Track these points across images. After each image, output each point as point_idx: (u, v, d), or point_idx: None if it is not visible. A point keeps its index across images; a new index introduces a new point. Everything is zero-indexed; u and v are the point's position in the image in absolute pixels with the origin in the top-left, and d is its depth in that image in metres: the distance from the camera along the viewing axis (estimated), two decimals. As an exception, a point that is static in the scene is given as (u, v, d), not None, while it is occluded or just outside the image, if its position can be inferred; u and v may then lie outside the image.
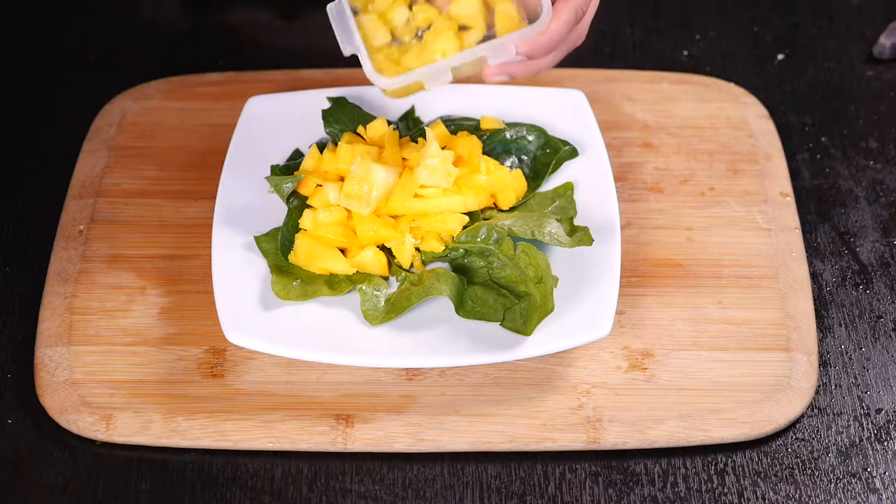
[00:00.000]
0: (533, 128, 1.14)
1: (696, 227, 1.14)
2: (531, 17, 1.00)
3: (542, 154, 1.14)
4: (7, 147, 1.22)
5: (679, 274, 1.11)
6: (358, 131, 1.13)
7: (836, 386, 1.06)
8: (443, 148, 1.10)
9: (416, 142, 1.12)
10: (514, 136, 1.14)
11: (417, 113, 1.17)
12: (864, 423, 1.04)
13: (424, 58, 1.01)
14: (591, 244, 1.05)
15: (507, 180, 1.10)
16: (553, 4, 1.00)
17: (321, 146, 1.13)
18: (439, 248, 1.06)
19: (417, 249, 1.07)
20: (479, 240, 1.06)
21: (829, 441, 1.03)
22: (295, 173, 1.11)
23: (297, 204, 1.09)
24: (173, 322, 1.07)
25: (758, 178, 1.18)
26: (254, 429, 1.01)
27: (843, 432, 1.03)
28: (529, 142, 1.14)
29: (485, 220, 1.08)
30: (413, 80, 1.00)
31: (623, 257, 1.09)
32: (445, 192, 1.07)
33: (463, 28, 1.02)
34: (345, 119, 1.14)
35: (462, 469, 1.01)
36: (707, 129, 1.22)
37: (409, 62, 1.01)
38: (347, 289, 1.05)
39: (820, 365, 1.07)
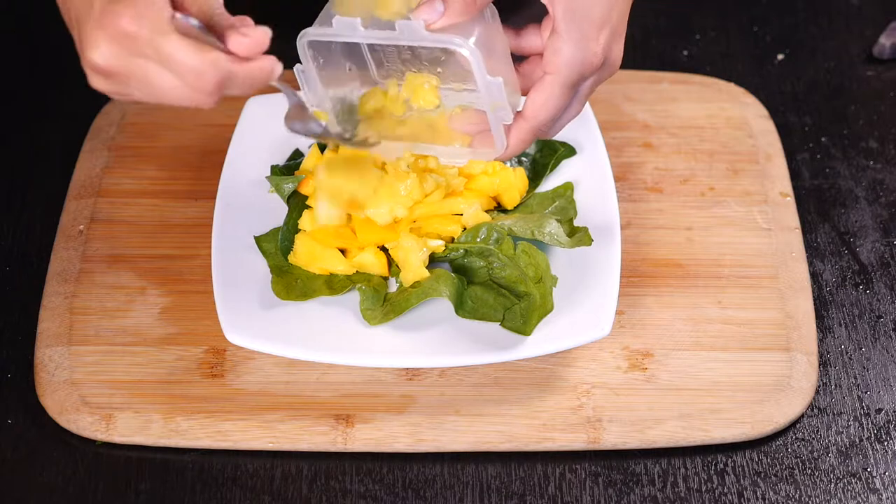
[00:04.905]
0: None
1: (696, 227, 1.14)
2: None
3: (541, 156, 1.14)
4: (7, 147, 1.22)
5: (679, 274, 1.11)
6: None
7: (836, 386, 1.06)
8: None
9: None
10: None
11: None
12: (864, 423, 1.04)
13: (381, 132, 1.02)
14: (590, 244, 1.05)
15: (511, 180, 1.10)
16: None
17: (321, 146, 1.13)
18: (439, 248, 1.06)
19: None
20: (479, 240, 1.06)
21: (829, 441, 1.03)
22: (295, 173, 1.11)
23: (297, 204, 1.09)
24: (173, 322, 1.07)
25: (758, 178, 1.18)
26: (254, 429, 1.01)
27: (843, 432, 1.03)
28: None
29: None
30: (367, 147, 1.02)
31: (623, 257, 1.09)
32: (447, 195, 1.07)
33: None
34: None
35: (462, 469, 1.01)
36: (707, 129, 1.22)
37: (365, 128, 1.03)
38: (347, 289, 1.05)
39: (820, 365, 1.07)
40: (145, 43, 0.84)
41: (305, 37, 0.94)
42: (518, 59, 0.97)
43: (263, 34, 0.87)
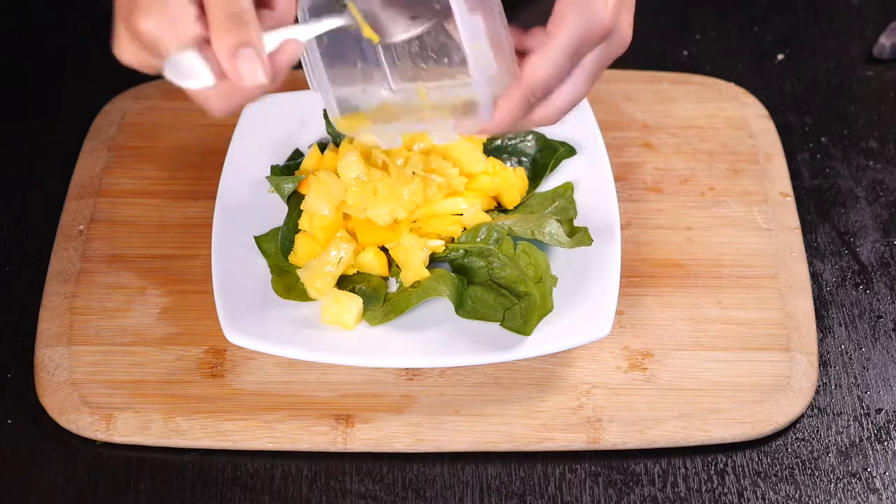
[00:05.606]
0: (531, 131, 1.14)
1: (696, 227, 1.14)
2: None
3: (541, 156, 1.14)
4: (7, 147, 1.22)
5: (679, 274, 1.11)
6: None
7: (836, 386, 1.06)
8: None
9: None
10: (513, 140, 1.14)
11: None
12: (864, 423, 1.04)
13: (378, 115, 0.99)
14: (590, 244, 1.05)
15: (511, 180, 1.10)
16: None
17: (322, 146, 1.13)
18: (439, 248, 1.06)
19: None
20: (479, 240, 1.06)
21: (829, 441, 1.03)
22: (295, 173, 1.11)
23: (297, 204, 1.09)
24: (173, 322, 1.07)
25: (758, 178, 1.18)
26: (254, 429, 1.01)
27: (843, 432, 1.03)
28: (528, 145, 1.14)
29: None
30: (365, 134, 0.99)
31: (623, 257, 1.09)
32: (447, 195, 1.07)
33: None
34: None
35: (462, 469, 1.01)
36: (707, 129, 1.22)
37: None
38: (347, 289, 1.05)
39: (820, 365, 1.07)
40: (161, 56, 0.85)
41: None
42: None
43: (262, 82, 0.84)
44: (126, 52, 0.88)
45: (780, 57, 1.31)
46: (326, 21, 0.91)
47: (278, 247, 1.07)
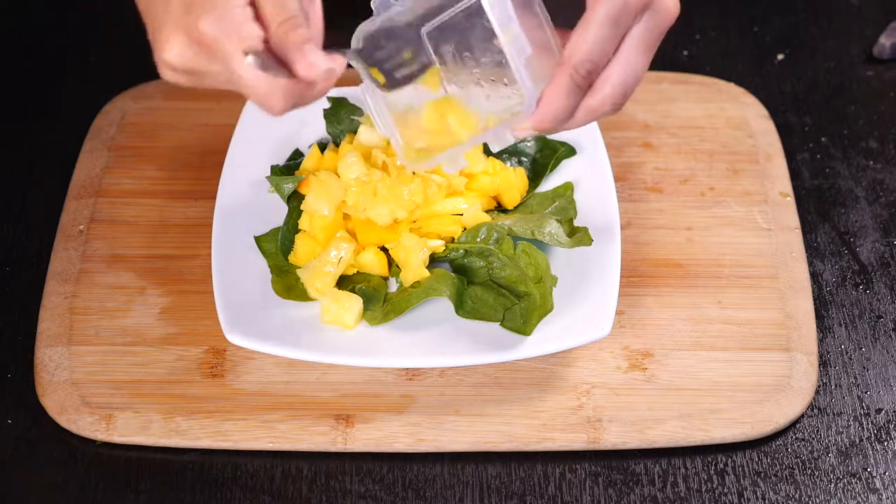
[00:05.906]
0: (531, 132, 1.15)
1: (696, 227, 1.14)
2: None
3: (541, 156, 1.14)
4: (7, 147, 1.22)
5: (679, 274, 1.11)
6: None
7: (836, 386, 1.06)
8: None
9: None
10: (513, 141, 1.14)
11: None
12: (864, 423, 1.04)
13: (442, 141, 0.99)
14: (590, 244, 1.05)
15: (511, 180, 1.10)
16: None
17: (322, 146, 1.13)
18: (439, 248, 1.06)
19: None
20: (479, 240, 1.06)
21: (829, 441, 1.03)
22: (295, 173, 1.11)
23: (298, 204, 1.09)
24: (173, 322, 1.07)
25: (758, 178, 1.18)
26: (254, 429, 1.01)
27: (843, 432, 1.03)
28: (528, 145, 1.14)
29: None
30: (435, 164, 1.01)
31: (623, 257, 1.09)
32: (447, 195, 1.08)
33: None
34: (346, 119, 1.14)
35: (462, 469, 1.01)
36: (707, 129, 1.22)
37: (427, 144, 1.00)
38: (347, 289, 1.05)
39: (820, 365, 1.07)
40: (220, 58, 0.85)
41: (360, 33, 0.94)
42: None
43: (332, 67, 0.85)
44: (179, 55, 0.87)
45: (780, 57, 1.31)
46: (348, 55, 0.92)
47: (278, 247, 1.07)
